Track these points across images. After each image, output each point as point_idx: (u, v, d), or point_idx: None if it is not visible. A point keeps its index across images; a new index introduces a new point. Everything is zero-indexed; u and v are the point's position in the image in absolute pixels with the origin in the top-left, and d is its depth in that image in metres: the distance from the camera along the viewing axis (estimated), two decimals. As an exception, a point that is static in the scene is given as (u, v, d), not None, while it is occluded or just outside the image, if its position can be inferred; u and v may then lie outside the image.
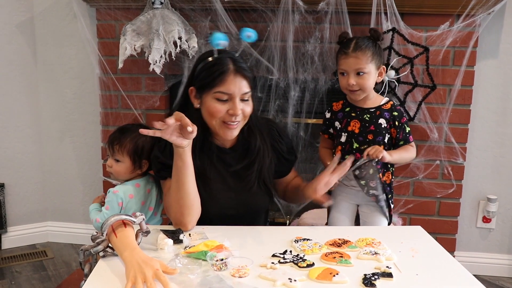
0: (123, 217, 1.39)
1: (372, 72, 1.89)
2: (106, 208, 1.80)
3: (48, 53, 2.92)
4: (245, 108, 1.66)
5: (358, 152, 1.91)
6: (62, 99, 2.97)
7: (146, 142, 1.83)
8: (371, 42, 1.92)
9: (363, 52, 1.87)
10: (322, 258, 1.41)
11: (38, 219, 3.11)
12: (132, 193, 1.82)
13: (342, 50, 1.92)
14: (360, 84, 1.88)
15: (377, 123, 1.92)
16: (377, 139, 1.91)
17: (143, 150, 1.83)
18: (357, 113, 1.94)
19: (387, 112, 1.93)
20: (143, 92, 2.69)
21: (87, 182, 3.04)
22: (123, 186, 1.84)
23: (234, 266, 1.32)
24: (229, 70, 1.62)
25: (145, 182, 1.86)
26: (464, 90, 2.50)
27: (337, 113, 2.00)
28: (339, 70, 1.93)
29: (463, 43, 2.43)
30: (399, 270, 1.36)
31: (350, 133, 1.94)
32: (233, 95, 1.62)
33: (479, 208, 2.78)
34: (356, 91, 1.90)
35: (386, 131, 1.93)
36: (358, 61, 1.87)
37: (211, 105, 1.64)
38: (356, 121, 1.94)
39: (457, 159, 2.56)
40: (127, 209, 1.80)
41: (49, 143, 3.04)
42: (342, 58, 1.91)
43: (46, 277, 2.70)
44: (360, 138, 1.92)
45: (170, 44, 2.41)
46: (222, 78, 1.61)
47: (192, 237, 1.54)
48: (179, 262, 1.32)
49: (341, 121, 1.97)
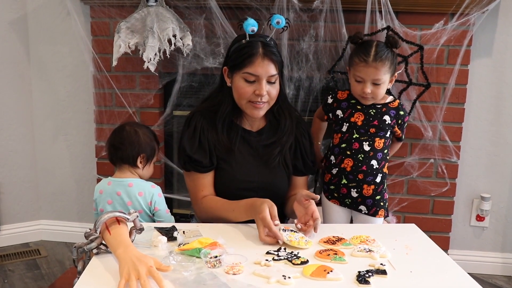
0: (117, 214, 1.39)
1: (387, 81, 1.90)
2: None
3: (42, 51, 2.90)
4: (271, 90, 1.74)
5: (357, 141, 1.91)
6: (55, 97, 2.95)
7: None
8: (389, 50, 1.89)
9: (383, 63, 1.85)
10: (316, 255, 1.41)
11: (32, 217, 3.10)
12: (102, 189, 1.86)
13: (361, 56, 1.86)
14: (374, 93, 1.89)
15: (382, 119, 1.93)
16: (379, 133, 1.93)
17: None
18: (363, 107, 1.94)
19: (393, 110, 1.94)
20: (137, 90, 2.68)
21: (81, 181, 3.03)
22: (102, 180, 1.91)
23: (228, 263, 1.32)
24: (258, 53, 1.71)
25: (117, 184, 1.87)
26: (458, 88, 2.51)
27: (341, 101, 1.99)
28: (355, 77, 1.90)
29: (457, 42, 2.43)
30: (393, 267, 1.36)
31: (352, 124, 1.94)
32: (260, 77, 1.71)
33: (472, 206, 2.79)
34: (368, 98, 1.91)
35: (390, 128, 1.95)
36: (377, 72, 1.85)
37: (239, 85, 1.74)
38: (360, 114, 1.94)
39: (451, 158, 2.57)
40: (97, 204, 1.86)
41: (42, 141, 3.02)
42: (361, 66, 1.87)
43: (39, 275, 2.69)
44: (361, 130, 1.93)
45: (165, 42, 2.40)
46: (251, 60, 1.70)
47: (186, 235, 1.53)
48: (173, 259, 1.32)
49: (345, 111, 1.97)
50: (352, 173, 1.93)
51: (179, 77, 2.57)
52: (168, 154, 2.77)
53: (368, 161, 1.92)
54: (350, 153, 1.93)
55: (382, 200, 1.99)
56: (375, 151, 1.93)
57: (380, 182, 1.96)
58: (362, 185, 1.94)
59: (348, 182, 1.94)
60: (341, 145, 1.95)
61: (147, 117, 2.68)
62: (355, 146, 1.92)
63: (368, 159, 1.92)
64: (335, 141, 1.98)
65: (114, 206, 1.84)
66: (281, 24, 1.78)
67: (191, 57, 2.51)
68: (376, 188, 1.95)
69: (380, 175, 1.95)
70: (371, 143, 1.92)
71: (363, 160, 1.92)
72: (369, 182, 1.94)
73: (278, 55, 1.76)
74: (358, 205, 1.97)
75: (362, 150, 1.92)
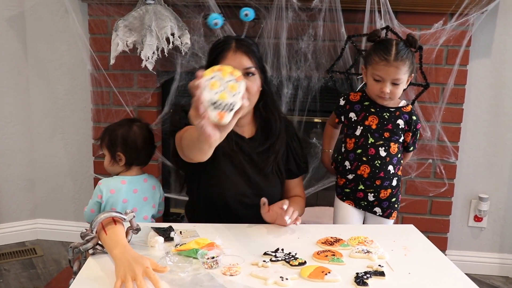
0: (113, 214, 1.38)
1: (405, 81, 1.85)
2: (91, 198, 1.82)
3: (39, 49, 2.89)
4: (248, 84, 1.62)
5: (373, 147, 1.88)
6: (53, 95, 2.94)
7: (123, 134, 1.84)
8: (409, 50, 1.84)
9: (404, 62, 1.80)
10: (314, 256, 1.40)
11: (28, 216, 3.08)
12: (114, 188, 1.80)
13: (381, 55, 1.81)
14: (392, 93, 1.84)
15: (395, 123, 1.89)
16: (393, 137, 1.89)
17: (116, 141, 1.84)
18: (377, 110, 1.90)
19: (406, 115, 1.91)
20: (135, 88, 2.67)
21: (78, 179, 3.02)
22: (109, 180, 1.85)
23: (225, 264, 1.31)
24: (230, 48, 1.68)
25: (134, 181, 1.83)
26: (457, 89, 2.51)
27: (354, 104, 1.95)
28: (373, 75, 1.84)
29: (456, 42, 2.43)
30: (391, 268, 1.35)
31: (367, 127, 1.90)
32: None
33: (470, 207, 2.79)
34: (385, 98, 1.86)
35: (403, 132, 1.91)
36: (398, 71, 1.80)
37: None
38: (375, 117, 1.90)
39: (449, 158, 2.57)
40: (107, 204, 1.79)
41: (39, 140, 3.00)
42: (382, 65, 1.81)
43: (35, 275, 2.67)
44: (376, 134, 1.89)
45: (163, 40, 2.40)
46: (223, 55, 1.67)
47: (183, 235, 1.53)
48: (170, 260, 1.31)
49: (358, 114, 1.92)
50: (370, 180, 1.90)
51: (177, 75, 2.56)
52: (166, 153, 2.76)
53: (385, 167, 1.89)
54: (366, 160, 1.89)
55: (396, 202, 1.98)
56: (391, 156, 1.89)
57: (396, 185, 1.94)
58: (380, 190, 1.92)
59: (365, 188, 1.92)
60: (357, 151, 1.90)
61: (144, 116, 2.64)
62: (371, 152, 1.88)
63: (385, 165, 1.89)
64: (349, 146, 1.93)
65: (131, 203, 1.81)
66: (250, 16, 1.74)
67: (189, 56, 2.50)
68: (392, 192, 1.94)
69: (396, 178, 1.94)
70: (387, 148, 1.89)
71: (380, 166, 1.88)
72: (386, 186, 1.92)
73: (255, 50, 1.72)
74: (373, 207, 1.95)
75: (379, 156, 1.88)
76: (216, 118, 1.09)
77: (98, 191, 1.80)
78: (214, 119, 1.09)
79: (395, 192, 1.95)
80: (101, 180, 1.84)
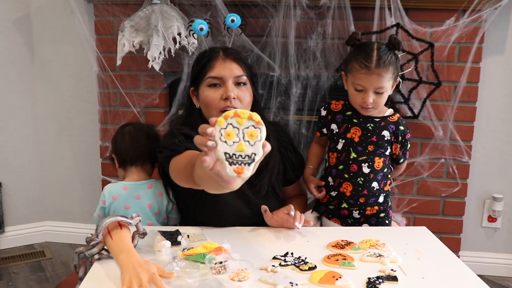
0: (119, 219, 1.36)
1: (389, 89, 1.71)
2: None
3: (45, 50, 2.88)
4: (241, 95, 1.59)
5: (355, 163, 1.75)
6: (59, 97, 2.93)
7: (115, 135, 1.86)
8: (392, 54, 1.69)
9: (387, 69, 1.65)
10: (324, 260, 1.38)
11: (36, 218, 3.08)
12: (115, 194, 1.78)
13: (361, 62, 1.66)
14: (376, 102, 1.70)
15: (380, 134, 1.76)
16: (378, 151, 1.76)
17: (112, 143, 1.86)
18: (360, 120, 1.77)
19: (392, 125, 1.77)
20: (142, 89, 2.66)
21: (86, 182, 3.01)
22: (112, 185, 1.82)
23: (233, 269, 1.29)
24: (218, 56, 1.60)
25: (137, 187, 1.80)
26: (470, 87, 2.47)
27: (335, 114, 1.81)
28: (354, 85, 1.70)
29: (469, 39, 2.39)
30: (404, 273, 1.32)
31: (349, 140, 1.77)
32: (224, 78, 1.58)
33: (484, 207, 2.75)
34: (369, 108, 1.72)
35: (389, 144, 1.78)
36: (381, 79, 1.65)
37: (205, 94, 1.60)
38: (357, 129, 1.76)
39: (462, 157, 2.53)
40: (110, 210, 1.77)
41: (46, 142, 3.01)
42: (362, 73, 1.66)
43: (43, 278, 2.67)
44: (359, 147, 1.76)
45: (169, 40, 2.38)
46: (211, 64, 1.59)
47: (190, 239, 1.51)
48: (177, 265, 1.30)
49: (340, 125, 1.79)
50: (353, 198, 1.79)
51: (184, 76, 2.54)
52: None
53: (368, 184, 1.77)
54: (348, 177, 1.77)
55: (386, 218, 1.85)
56: (375, 172, 1.77)
57: (383, 202, 1.82)
58: (365, 207, 1.80)
59: (349, 206, 1.80)
60: (339, 167, 1.79)
61: (152, 117, 2.65)
62: (353, 168, 1.76)
63: (368, 182, 1.77)
64: (332, 161, 1.81)
65: (134, 210, 1.76)
66: (237, 22, 1.64)
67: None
68: (380, 208, 1.82)
69: (383, 195, 1.81)
70: (371, 164, 1.76)
71: (363, 184, 1.76)
72: (372, 203, 1.80)
73: (244, 58, 1.64)
74: (360, 224, 1.83)
75: (361, 173, 1.76)
76: (234, 174, 0.95)
77: (102, 196, 1.79)
78: (232, 175, 0.96)
79: (383, 208, 1.82)
80: (107, 185, 1.82)
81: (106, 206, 1.77)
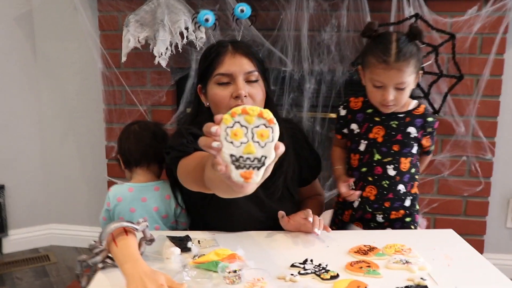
0: (124, 224, 1.29)
1: (411, 83, 1.57)
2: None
3: (48, 48, 2.85)
4: (253, 92, 1.49)
5: (379, 165, 1.64)
6: (63, 95, 2.91)
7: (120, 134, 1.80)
8: (413, 45, 1.55)
9: (407, 63, 1.51)
10: (347, 268, 1.29)
11: (41, 221, 3.05)
12: (120, 196, 1.71)
13: (379, 55, 1.52)
14: (397, 99, 1.56)
15: (406, 132, 1.63)
16: (403, 150, 1.64)
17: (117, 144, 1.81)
18: (382, 118, 1.64)
19: (419, 119, 1.64)
20: (148, 87, 2.62)
21: (92, 183, 2.98)
22: (118, 186, 1.76)
23: (248, 278, 1.20)
24: (227, 50, 1.51)
25: (143, 189, 1.72)
26: (493, 80, 2.39)
27: (355, 112, 1.68)
28: (373, 81, 1.57)
29: (492, 29, 2.32)
30: (435, 282, 1.23)
31: (372, 141, 1.65)
32: (234, 75, 1.48)
33: (508, 207, 2.67)
34: (389, 106, 1.59)
35: (416, 142, 1.66)
36: (401, 74, 1.52)
37: (213, 92, 1.51)
38: (380, 128, 1.64)
39: (485, 155, 2.47)
40: (115, 213, 1.71)
41: (51, 143, 2.98)
42: (380, 68, 1.52)
43: (48, 284, 2.61)
44: (383, 148, 1.64)
45: (176, 35, 2.34)
46: (220, 59, 1.50)
47: (201, 245, 1.44)
48: (187, 275, 1.22)
49: (361, 125, 1.67)
50: (377, 202, 1.67)
51: (192, 72, 2.51)
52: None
53: (394, 187, 1.66)
54: (372, 180, 1.66)
55: (413, 223, 1.73)
56: (401, 174, 1.65)
57: (410, 205, 1.71)
58: (390, 211, 1.69)
59: (373, 210, 1.69)
60: (361, 169, 1.67)
61: (159, 115, 2.62)
62: (377, 171, 1.65)
63: (394, 185, 1.66)
64: (353, 162, 1.69)
65: (139, 213, 1.69)
66: (246, 12, 1.55)
67: (205, 51, 2.43)
68: (406, 212, 1.71)
69: (410, 198, 1.70)
70: (396, 166, 1.64)
71: (389, 187, 1.65)
72: (397, 208, 1.69)
73: (255, 51, 1.55)
74: (384, 228, 1.71)
75: (387, 176, 1.65)
76: (241, 179, 0.85)
77: (107, 198, 1.73)
78: (238, 180, 0.85)
79: (409, 212, 1.71)
80: (112, 186, 1.77)
81: (111, 208, 1.71)
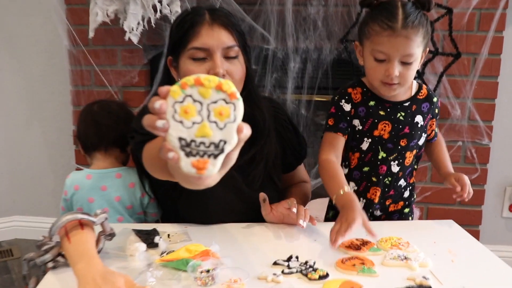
0: (79, 216, 1.16)
1: (419, 59, 1.39)
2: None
3: (10, 23, 2.72)
4: (232, 69, 1.35)
5: (384, 163, 1.49)
6: (27, 77, 2.79)
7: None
8: (422, 14, 1.37)
9: (416, 31, 1.33)
10: (338, 265, 1.18)
11: (4, 213, 2.96)
12: (78, 184, 1.60)
13: (384, 21, 1.34)
14: (403, 76, 1.37)
15: (413, 122, 1.48)
16: (410, 144, 1.50)
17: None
18: (387, 111, 1.47)
19: (425, 103, 1.50)
20: (119, 66, 2.52)
21: (59, 171, 2.86)
22: (76, 173, 1.65)
23: (224, 280, 1.10)
24: (204, 20, 1.34)
25: (102, 176, 1.60)
26: (491, 59, 2.33)
27: (357, 106, 1.48)
28: (374, 53, 1.37)
29: (492, 4, 2.24)
30: (439, 281, 1.11)
31: (377, 139, 1.48)
32: (211, 50, 1.33)
33: (505, 195, 2.63)
34: (393, 85, 1.39)
35: (423, 131, 1.51)
36: (409, 43, 1.33)
37: (186, 68, 1.35)
38: (386, 124, 1.46)
39: (482, 140, 2.42)
40: (73, 203, 1.60)
41: (14, 128, 2.87)
42: (385, 36, 1.33)
43: (9, 281, 2.48)
44: (389, 145, 1.48)
45: (149, 8, 2.23)
46: (195, 31, 1.33)
47: (171, 239, 1.32)
48: (152, 276, 1.10)
49: (364, 121, 1.47)
50: (379, 202, 1.56)
51: (166, 50, 2.31)
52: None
53: (396, 183, 1.54)
54: (376, 180, 1.52)
55: (410, 214, 1.64)
56: (404, 169, 1.53)
57: (409, 196, 1.61)
58: (389, 205, 1.59)
59: (373, 210, 1.59)
60: (363, 168, 1.52)
61: (131, 97, 2.50)
62: (382, 170, 1.51)
63: (396, 181, 1.54)
64: (353, 162, 1.53)
65: (98, 203, 1.58)
66: None
67: (181, 27, 2.30)
68: (405, 203, 1.61)
69: (409, 188, 1.60)
70: (401, 161, 1.51)
71: (391, 184, 1.53)
72: (397, 201, 1.59)
73: (235, 22, 1.40)
74: (381, 220, 1.62)
75: (390, 173, 1.52)
76: (192, 170, 0.68)
77: (64, 186, 1.61)
78: (189, 172, 0.68)
79: (408, 203, 1.62)
80: (71, 172, 1.65)
81: (68, 198, 1.60)
